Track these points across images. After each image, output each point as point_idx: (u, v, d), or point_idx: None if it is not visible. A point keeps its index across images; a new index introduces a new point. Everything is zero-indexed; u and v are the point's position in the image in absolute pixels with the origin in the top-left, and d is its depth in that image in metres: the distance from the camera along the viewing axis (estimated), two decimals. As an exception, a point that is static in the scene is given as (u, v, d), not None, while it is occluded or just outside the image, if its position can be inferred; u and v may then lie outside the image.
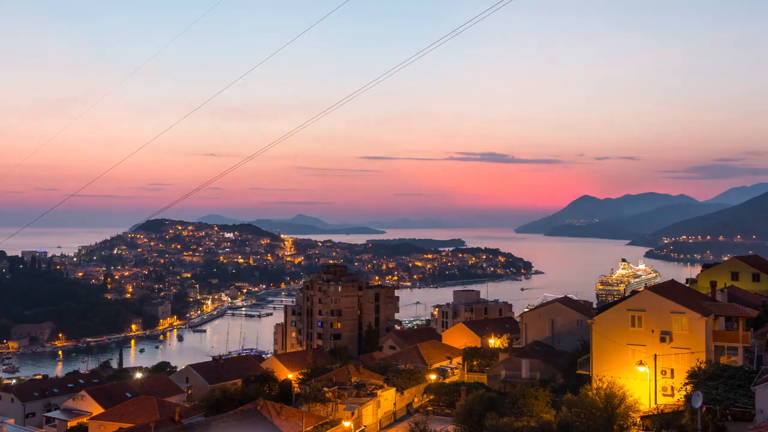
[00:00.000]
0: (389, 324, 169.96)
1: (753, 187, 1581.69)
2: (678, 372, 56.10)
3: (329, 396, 70.19)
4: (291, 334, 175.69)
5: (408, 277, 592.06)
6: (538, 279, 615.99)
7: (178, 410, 63.91)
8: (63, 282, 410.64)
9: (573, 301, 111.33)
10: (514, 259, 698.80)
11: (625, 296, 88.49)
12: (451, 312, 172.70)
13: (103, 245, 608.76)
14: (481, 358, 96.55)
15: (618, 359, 59.20)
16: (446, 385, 79.87)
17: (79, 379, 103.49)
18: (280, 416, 60.32)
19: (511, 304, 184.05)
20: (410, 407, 78.29)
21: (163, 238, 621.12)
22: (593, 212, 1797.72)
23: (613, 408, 51.00)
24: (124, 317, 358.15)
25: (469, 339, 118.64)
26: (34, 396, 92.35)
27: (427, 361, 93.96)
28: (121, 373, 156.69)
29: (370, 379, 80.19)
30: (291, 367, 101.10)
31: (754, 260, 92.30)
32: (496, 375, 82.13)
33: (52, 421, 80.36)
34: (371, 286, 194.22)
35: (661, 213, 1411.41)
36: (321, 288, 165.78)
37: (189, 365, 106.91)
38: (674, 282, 73.78)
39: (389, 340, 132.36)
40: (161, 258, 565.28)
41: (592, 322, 61.91)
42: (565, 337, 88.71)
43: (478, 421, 58.51)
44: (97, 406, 78.23)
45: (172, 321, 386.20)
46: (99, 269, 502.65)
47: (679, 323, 57.76)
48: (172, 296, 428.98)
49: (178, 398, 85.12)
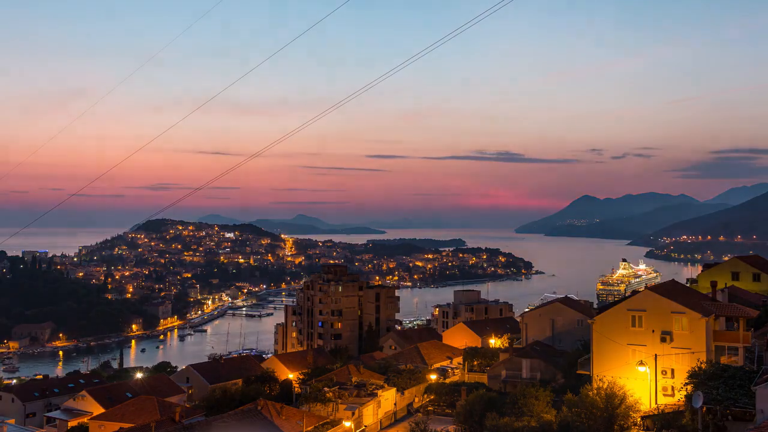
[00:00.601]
0: (390, 324, 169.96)
1: (753, 187, 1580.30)
2: (678, 372, 56.10)
3: (330, 396, 70.22)
4: (291, 334, 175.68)
5: (408, 277, 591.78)
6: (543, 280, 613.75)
7: (178, 410, 63.95)
8: (63, 282, 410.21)
9: (573, 301, 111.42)
10: (514, 259, 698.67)
11: (626, 296, 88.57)
12: (451, 312, 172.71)
13: (104, 245, 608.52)
14: (482, 358, 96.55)
15: (618, 359, 59.18)
16: (447, 385, 79.90)
17: (80, 379, 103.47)
18: (281, 416, 60.34)
19: (511, 304, 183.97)
20: (411, 407, 78.31)
21: (163, 238, 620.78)
22: (593, 212, 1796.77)
23: (613, 408, 50.98)
24: (125, 317, 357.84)
25: (470, 339, 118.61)
26: (34, 396, 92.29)
27: (427, 361, 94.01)
28: (121, 373, 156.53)
29: (371, 379, 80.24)
30: (291, 367, 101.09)
31: (755, 260, 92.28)
32: (496, 375, 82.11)
33: (52, 421, 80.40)
34: (372, 286, 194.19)
35: (662, 213, 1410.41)
36: (321, 288, 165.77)
37: (189, 365, 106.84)
38: (675, 282, 73.78)
39: (390, 340, 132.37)
40: (162, 258, 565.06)
41: (593, 322, 61.90)
42: (566, 337, 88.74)
43: (479, 421, 58.52)
44: (97, 406, 78.25)
45: (173, 321, 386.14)
46: (99, 269, 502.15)
47: (680, 323, 57.75)
48: (172, 296, 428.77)
49: (179, 398, 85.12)
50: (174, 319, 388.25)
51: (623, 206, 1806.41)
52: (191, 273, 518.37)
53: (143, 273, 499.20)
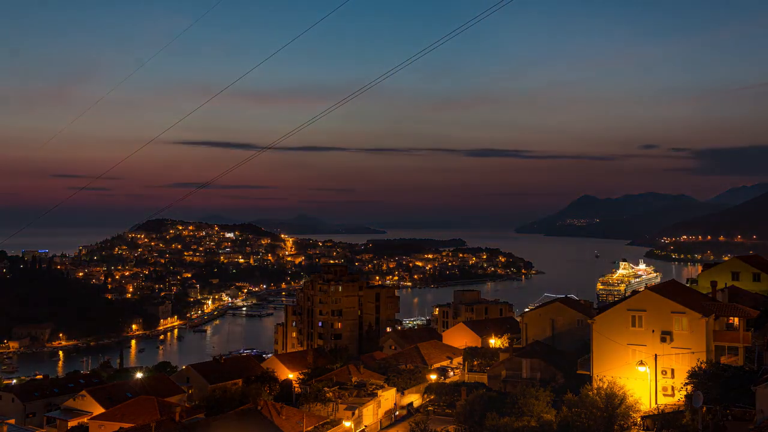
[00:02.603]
0: (390, 324, 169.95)
1: (753, 186, 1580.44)
2: (678, 372, 56.13)
3: (330, 396, 70.25)
4: (291, 334, 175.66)
5: (408, 277, 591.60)
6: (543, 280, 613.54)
7: (178, 410, 63.99)
8: (63, 282, 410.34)
9: (573, 301, 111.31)
10: (514, 259, 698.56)
11: (626, 296, 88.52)
12: (451, 312, 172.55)
13: (104, 245, 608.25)
14: (482, 358, 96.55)
15: (618, 359, 59.21)
16: (447, 385, 79.91)
17: (80, 379, 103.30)
18: (281, 416, 60.35)
19: (511, 304, 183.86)
20: (411, 407, 78.31)
21: (163, 238, 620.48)
22: (593, 212, 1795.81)
23: (613, 408, 51.02)
24: (125, 317, 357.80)
25: (470, 339, 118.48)
26: (34, 396, 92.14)
27: (427, 361, 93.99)
28: (121, 373, 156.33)
29: (371, 379, 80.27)
30: (291, 367, 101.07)
31: (755, 260, 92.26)
32: (496, 375, 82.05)
33: (52, 421, 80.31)
34: (372, 286, 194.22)
35: (662, 213, 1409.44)
36: (322, 288, 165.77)
37: (189, 365, 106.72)
38: (675, 282, 73.84)
39: (390, 340, 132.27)
40: (162, 258, 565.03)
41: (593, 322, 61.91)
42: (566, 337, 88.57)
43: (479, 421, 58.52)
44: (97, 406, 78.19)
45: (173, 321, 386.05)
46: (99, 269, 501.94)
47: (680, 323, 57.76)
48: (172, 296, 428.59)
49: (179, 398, 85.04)
50: (174, 319, 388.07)
51: (623, 206, 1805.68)
52: (191, 273, 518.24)
53: (143, 273, 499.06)
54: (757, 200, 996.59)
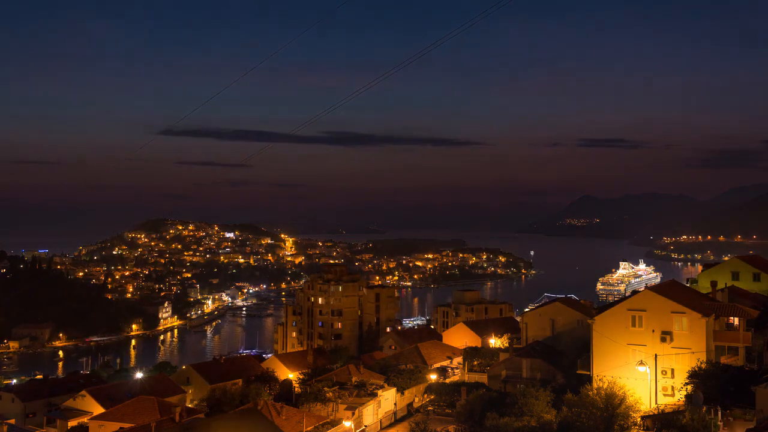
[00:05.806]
0: (390, 324, 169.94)
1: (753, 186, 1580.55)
2: (678, 372, 56.14)
3: (330, 396, 70.27)
4: (291, 334, 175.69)
5: (408, 277, 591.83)
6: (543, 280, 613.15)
7: (178, 410, 64.00)
8: (63, 282, 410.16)
9: (573, 301, 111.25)
10: (514, 259, 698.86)
11: (626, 296, 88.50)
12: (451, 312, 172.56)
13: (104, 245, 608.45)
14: (482, 358, 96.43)
15: (618, 359, 59.22)
16: (447, 385, 79.91)
17: (80, 379, 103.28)
18: (281, 416, 60.36)
19: (511, 304, 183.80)
20: (411, 407, 78.31)
21: (163, 238, 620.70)
22: (593, 212, 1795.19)
23: (613, 408, 51.03)
24: (125, 317, 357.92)
25: (470, 339, 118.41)
26: (34, 396, 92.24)
27: (427, 360, 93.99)
28: (121, 373, 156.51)
29: (371, 379, 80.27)
30: (291, 366, 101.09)
31: (755, 260, 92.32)
32: (496, 375, 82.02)
33: (52, 421, 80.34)
34: (372, 286, 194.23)
35: (662, 213, 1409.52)
36: (322, 288, 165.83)
37: (189, 365, 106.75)
38: (675, 282, 73.84)
39: (390, 340, 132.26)
40: (161, 258, 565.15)
41: (593, 322, 61.93)
42: (566, 337, 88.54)
43: (479, 420, 58.54)
44: (97, 406, 78.20)
45: (173, 321, 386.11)
46: (99, 269, 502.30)
47: (680, 323, 57.76)
48: (172, 296, 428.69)
49: (179, 398, 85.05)
50: (174, 319, 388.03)
51: (623, 206, 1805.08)
52: (191, 273, 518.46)
53: (143, 273, 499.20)
54: (756, 200, 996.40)
